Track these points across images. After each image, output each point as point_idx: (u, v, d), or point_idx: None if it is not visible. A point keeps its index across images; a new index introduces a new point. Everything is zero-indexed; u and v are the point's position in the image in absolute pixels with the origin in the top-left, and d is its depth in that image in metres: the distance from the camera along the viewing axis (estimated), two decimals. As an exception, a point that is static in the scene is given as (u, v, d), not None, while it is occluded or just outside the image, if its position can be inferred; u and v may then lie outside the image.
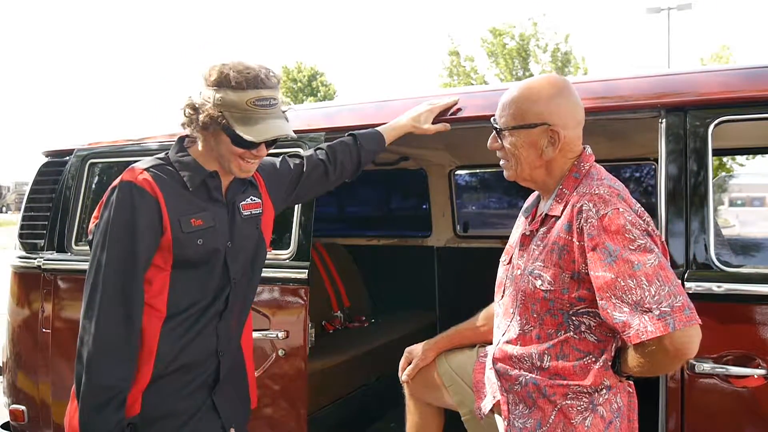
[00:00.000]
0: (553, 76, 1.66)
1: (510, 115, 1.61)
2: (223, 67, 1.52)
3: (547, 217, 1.60)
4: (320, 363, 2.73)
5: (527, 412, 1.58)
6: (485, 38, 18.07)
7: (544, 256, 1.54)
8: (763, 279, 1.69)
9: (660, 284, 1.36)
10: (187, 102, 1.56)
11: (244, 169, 1.60)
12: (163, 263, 1.54)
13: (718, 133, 1.80)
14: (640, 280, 1.37)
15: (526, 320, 1.58)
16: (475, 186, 4.67)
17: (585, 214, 1.45)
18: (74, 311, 2.73)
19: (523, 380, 1.59)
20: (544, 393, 1.54)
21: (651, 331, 1.34)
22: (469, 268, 3.77)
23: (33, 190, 3.02)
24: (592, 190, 1.49)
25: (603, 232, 1.42)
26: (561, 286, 1.50)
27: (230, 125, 1.51)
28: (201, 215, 1.57)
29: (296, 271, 2.28)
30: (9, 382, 2.95)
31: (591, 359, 1.51)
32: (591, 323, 1.51)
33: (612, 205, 1.44)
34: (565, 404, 1.52)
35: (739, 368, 1.65)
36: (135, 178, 1.51)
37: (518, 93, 1.62)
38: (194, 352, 1.58)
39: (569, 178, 1.58)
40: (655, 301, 1.36)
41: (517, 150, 1.60)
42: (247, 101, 1.51)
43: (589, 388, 1.50)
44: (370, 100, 2.51)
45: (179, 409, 1.57)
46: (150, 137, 2.75)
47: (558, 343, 1.53)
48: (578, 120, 1.61)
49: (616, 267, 1.39)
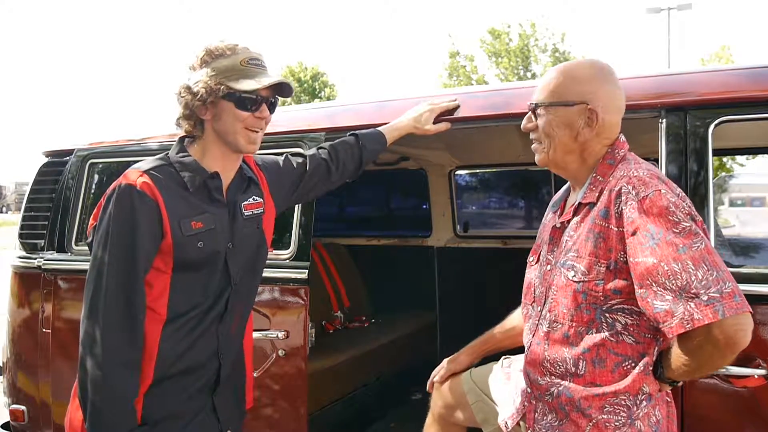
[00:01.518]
0: (597, 59, 1.61)
1: (549, 92, 1.55)
2: (208, 47, 1.57)
3: (580, 206, 1.51)
4: (320, 363, 2.73)
5: (557, 424, 1.48)
6: (484, 39, 18.09)
7: (578, 246, 1.45)
8: (763, 279, 1.69)
9: (708, 268, 1.26)
10: (181, 87, 1.57)
11: (251, 139, 1.60)
12: (163, 266, 1.53)
13: (718, 133, 1.80)
14: (686, 264, 1.26)
15: (555, 317, 1.49)
16: (475, 186, 4.68)
17: (624, 197, 1.37)
18: (74, 311, 2.73)
19: (555, 391, 1.49)
20: (579, 406, 1.44)
21: (698, 319, 1.23)
22: (469, 268, 3.77)
23: (33, 190, 3.02)
24: (630, 173, 1.41)
25: (644, 214, 1.32)
26: (595, 277, 1.40)
27: (230, 88, 1.53)
28: (201, 217, 1.56)
29: (296, 271, 2.28)
30: (9, 382, 2.95)
31: (630, 364, 1.41)
32: (627, 321, 1.41)
33: (653, 186, 1.36)
34: (602, 419, 1.41)
35: (739, 368, 1.65)
36: (134, 181, 1.49)
37: (559, 71, 1.57)
38: (195, 354, 1.57)
39: (603, 165, 1.51)
40: (702, 286, 1.24)
41: (552, 129, 1.53)
42: (240, 61, 1.55)
43: (627, 398, 1.40)
44: (370, 101, 2.51)
45: (180, 412, 1.56)
46: (150, 137, 2.75)
47: (593, 346, 1.43)
48: (618, 106, 1.56)
49: (659, 251, 1.28)
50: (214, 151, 1.61)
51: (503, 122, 2.13)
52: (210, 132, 1.60)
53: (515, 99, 2.08)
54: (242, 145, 1.60)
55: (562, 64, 1.61)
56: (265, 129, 1.64)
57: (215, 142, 1.61)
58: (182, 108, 1.58)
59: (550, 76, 1.58)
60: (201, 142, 1.62)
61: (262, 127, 1.62)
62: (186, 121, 1.59)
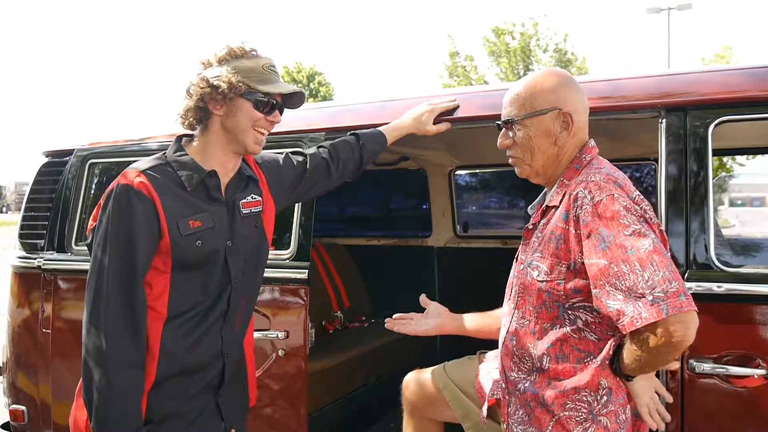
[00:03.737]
0: (552, 68, 1.70)
1: (519, 107, 1.61)
2: (231, 46, 1.60)
3: (547, 209, 1.60)
4: (320, 363, 2.73)
5: (527, 419, 1.55)
6: (487, 37, 18.07)
7: (543, 247, 1.53)
8: (763, 279, 1.69)
9: (654, 269, 1.33)
10: (199, 78, 1.58)
11: (258, 140, 1.64)
12: (162, 266, 1.53)
13: (718, 133, 1.80)
14: (634, 266, 1.33)
15: (523, 313, 1.57)
16: (475, 186, 4.67)
17: (580, 201, 1.45)
18: (74, 311, 2.73)
19: (521, 387, 1.56)
20: (542, 402, 1.51)
21: (645, 318, 1.30)
22: (469, 269, 3.77)
23: (33, 190, 3.02)
24: (588, 178, 1.49)
25: (598, 218, 1.40)
26: (557, 277, 1.48)
27: (251, 87, 1.57)
28: (199, 216, 1.56)
29: (296, 271, 2.28)
30: (9, 383, 2.95)
31: (592, 360, 1.48)
32: (588, 319, 1.48)
33: (606, 191, 1.42)
34: (564, 415, 1.48)
35: (739, 368, 1.65)
36: (131, 181, 1.50)
37: (524, 85, 1.63)
38: (199, 354, 1.57)
39: (571, 169, 1.59)
40: (648, 286, 1.32)
41: (531, 141, 1.60)
42: (262, 66, 1.60)
43: (588, 394, 1.46)
44: (371, 101, 2.51)
45: (184, 411, 1.56)
46: (150, 137, 2.75)
47: (557, 342, 1.51)
48: (585, 106, 1.63)
49: (609, 253, 1.36)
50: (216, 148, 1.62)
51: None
52: (216, 128, 1.61)
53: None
54: (249, 144, 1.62)
55: (522, 80, 1.67)
56: (273, 125, 1.67)
57: (219, 139, 1.61)
58: (195, 100, 1.58)
59: (516, 92, 1.64)
60: (202, 139, 1.62)
61: (270, 129, 1.66)
62: (194, 114, 1.60)
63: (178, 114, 1.63)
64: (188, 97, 1.60)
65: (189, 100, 1.60)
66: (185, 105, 1.61)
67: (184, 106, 1.61)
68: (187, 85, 1.62)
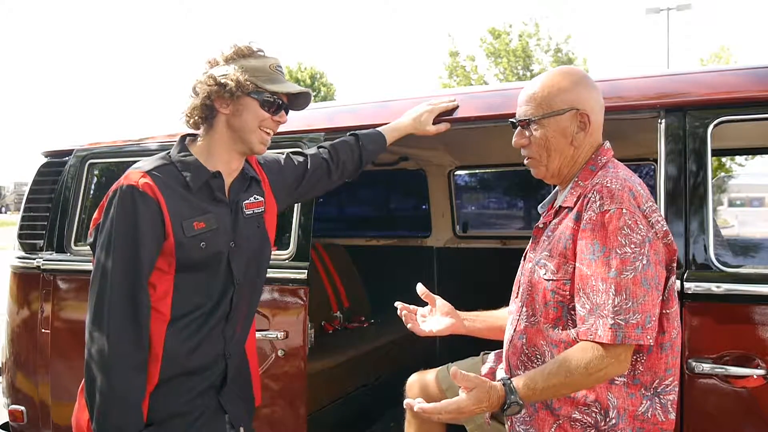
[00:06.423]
0: (568, 66, 1.67)
1: (536, 106, 1.59)
2: (238, 45, 1.60)
3: (560, 209, 1.59)
4: (320, 363, 2.73)
5: (529, 420, 1.54)
6: (485, 38, 18.08)
7: (552, 246, 1.53)
8: (763, 279, 1.69)
9: (625, 297, 1.37)
10: (207, 76, 1.57)
11: (263, 140, 1.64)
12: (166, 267, 1.52)
13: (718, 134, 1.80)
14: (609, 287, 1.38)
15: (531, 312, 1.57)
16: (475, 186, 4.67)
17: (589, 204, 1.45)
18: (74, 312, 2.73)
19: None
20: (549, 404, 1.50)
21: (599, 336, 1.37)
22: (468, 269, 3.77)
23: (32, 190, 3.02)
24: (604, 182, 1.47)
25: (599, 227, 1.41)
26: (563, 277, 1.48)
27: (259, 87, 1.57)
28: (203, 218, 1.56)
29: (296, 271, 2.28)
30: (8, 383, 2.94)
31: None
32: None
33: (617, 203, 1.41)
34: (568, 421, 1.47)
35: (739, 368, 1.65)
36: (136, 182, 1.49)
37: (541, 84, 1.61)
38: (202, 355, 1.57)
39: (586, 170, 1.58)
40: (614, 311, 1.37)
41: (548, 141, 1.59)
42: (270, 66, 1.60)
43: (597, 411, 1.45)
44: (370, 101, 2.51)
45: (186, 411, 1.56)
46: (150, 137, 2.74)
47: (560, 343, 1.50)
48: (601, 105, 1.63)
49: (594, 266, 1.40)
50: (220, 148, 1.61)
51: (503, 122, 2.12)
52: (222, 128, 1.60)
53: (515, 99, 2.07)
54: (255, 144, 1.62)
55: (539, 78, 1.65)
56: (279, 125, 1.67)
57: (224, 139, 1.61)
58: (201, 98, 1.57)
59: (533, 91, 1.61)
60: (206, 138, 1.62)
61: (276, 130, 1.66)
62: (200, 112, 1.58)
63: (183, 112, 1.61)
64: (194, 96, 1.59)
65: (195, 99, 1.58)
66: (191, 103, 1.59)
67: (190, 104, 1.59)
68: (193, 83, 1.61)
